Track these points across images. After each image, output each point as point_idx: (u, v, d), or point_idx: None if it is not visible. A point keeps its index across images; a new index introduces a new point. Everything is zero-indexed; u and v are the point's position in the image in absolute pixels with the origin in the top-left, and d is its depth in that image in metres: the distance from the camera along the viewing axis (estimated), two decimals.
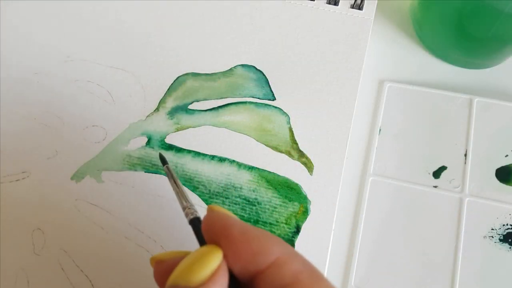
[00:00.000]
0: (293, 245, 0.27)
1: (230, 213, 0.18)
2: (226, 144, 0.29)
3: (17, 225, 0.28)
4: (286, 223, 0.27)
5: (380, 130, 0.31)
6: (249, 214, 0.27)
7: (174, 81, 0.32)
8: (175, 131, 0.30)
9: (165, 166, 0.23)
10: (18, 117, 0.31)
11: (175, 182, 0.21)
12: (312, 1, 0.34)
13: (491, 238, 0.27)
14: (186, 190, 0.28)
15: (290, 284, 0.15)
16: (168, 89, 0.31)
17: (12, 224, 0.28)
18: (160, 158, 0.25)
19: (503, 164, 0.29)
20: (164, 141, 0.30)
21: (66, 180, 0.29)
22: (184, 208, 0.20)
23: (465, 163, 0.29)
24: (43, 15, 0.34)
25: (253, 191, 0.28)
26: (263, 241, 0.16)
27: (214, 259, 0.16)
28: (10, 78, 0.32)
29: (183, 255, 0.17)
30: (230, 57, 0.32)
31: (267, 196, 0.28)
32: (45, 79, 0.32)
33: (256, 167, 0.29)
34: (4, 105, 0.31)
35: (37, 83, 0.32)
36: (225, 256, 0.16)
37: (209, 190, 0.28)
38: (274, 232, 0.27)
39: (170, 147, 0.29)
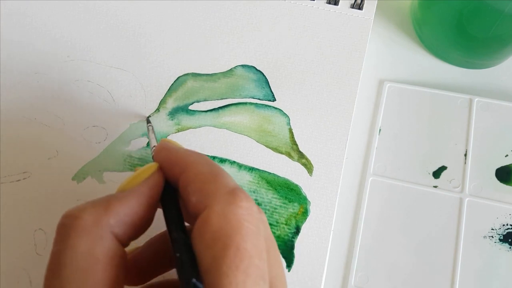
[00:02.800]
0: (293, 245, 0.27)
1: (171, 144, 0.22)
2: (227, 145, 0.30)
3: (19, 225, 0.28)
4: (286, 224, 0.27)
5: (380, 130, 0.31)
6: None
7: (175, 81, 0.32)
8: (175, 132, 0.30)
9: (148, 124, 0.28)
10: (18, 117, 0.31)
11: (153, 133, 0.27)
12: (312, 1, 0.34)
13: (491, 238, 0.27)
14: None
15: (192, 182, 0.19)
16: (169, 89, 0.31)
17: (13, 224, 0.28)
18: (147, 120, 0.30)
19: (503, 164, 0.29)
20: None
21: (67, 180, 0.29)
22: (152, 148, 0.25)
23: (465, 163, 0.29)
24: (43, 15, 0.34)
25: (254, 192, 0.28)
26: (180, 155, 0.21)
27: (149, 169, 0.21)
28: (10, 78, 0.32)
29: None
30: (230, 58, 0.32)
31: (267, 197, 0.28)
32: (45, 79, 0.32)
33: (257, 168, 0.29)
34: (4, 105, 0.31)
35: (37, 83, 0.32)
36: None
37: None
38: (274, 233, 0.27)
39: None
